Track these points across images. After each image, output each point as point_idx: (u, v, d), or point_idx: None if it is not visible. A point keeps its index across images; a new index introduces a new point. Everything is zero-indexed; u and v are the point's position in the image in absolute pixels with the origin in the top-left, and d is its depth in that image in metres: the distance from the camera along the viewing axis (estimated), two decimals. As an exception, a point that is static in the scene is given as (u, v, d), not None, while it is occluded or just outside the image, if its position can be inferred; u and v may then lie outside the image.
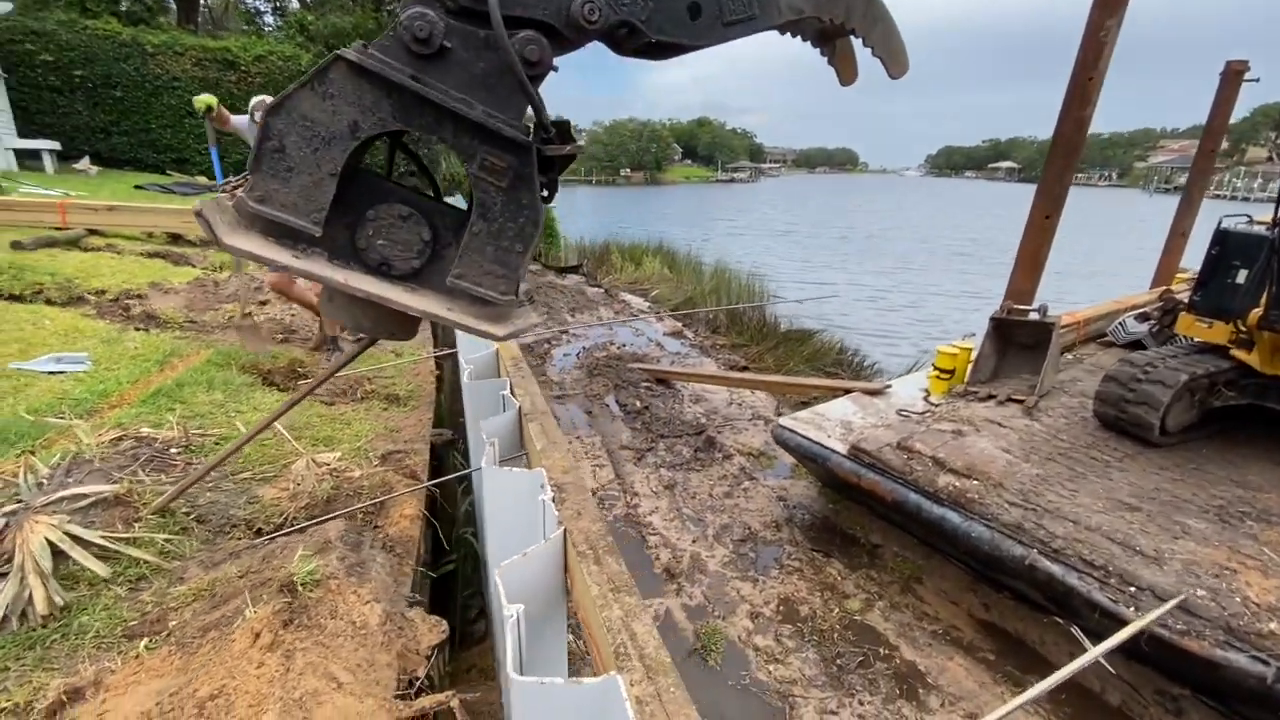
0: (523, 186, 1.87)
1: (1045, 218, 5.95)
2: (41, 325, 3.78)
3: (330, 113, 1.70)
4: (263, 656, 1.51)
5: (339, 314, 2.03)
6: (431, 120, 1.76)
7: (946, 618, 4.19)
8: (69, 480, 2.25)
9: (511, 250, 1.92)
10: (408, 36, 1.65)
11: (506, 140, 1.80)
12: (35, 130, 12.12)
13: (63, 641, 1.67)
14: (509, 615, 1.45)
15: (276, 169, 1.72)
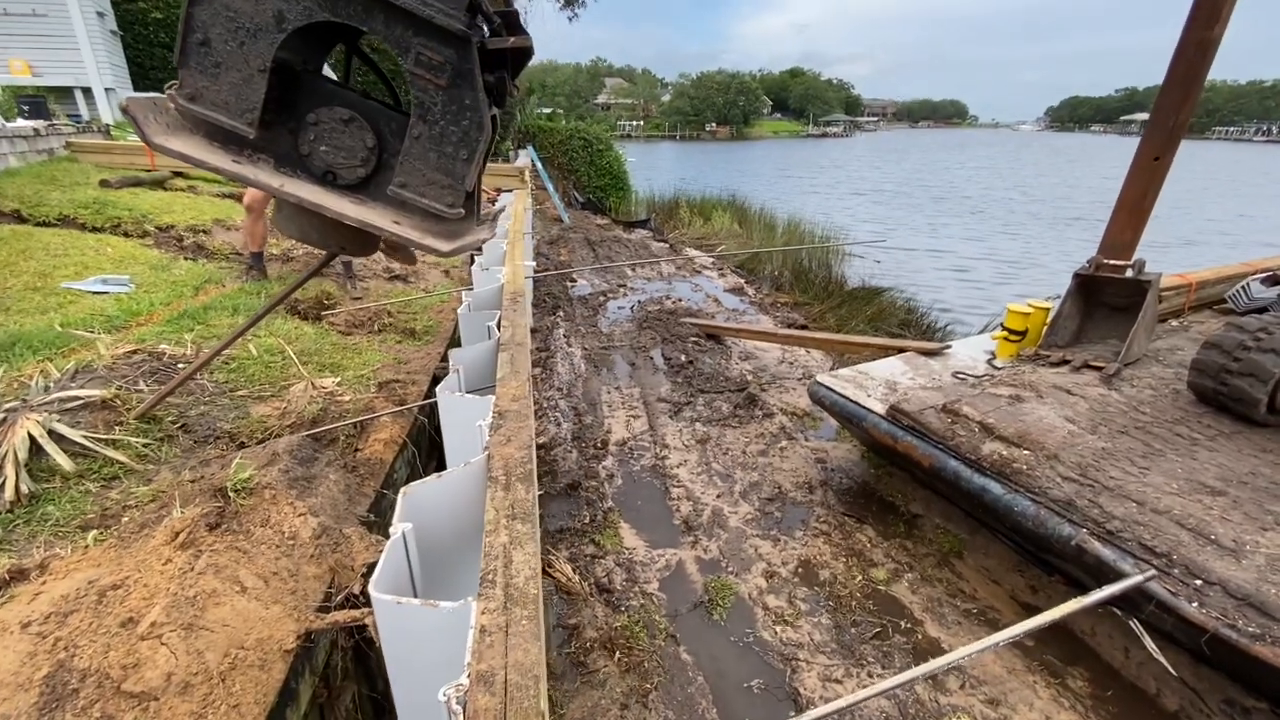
0: (464, 85, 1.70)
1: (1154, 159, 5.12)
2: (103, 252, 4.08)
3: (254, 3, 1.60)
4: (172, 554, 1.52)
5: (287, 225, 1.98)
6: (360, 9, 1.61)
7: (984, 597, 3.84)
8: (72, 385, 2.39)
9: (455, 157, 1.78)
10: None
11: (441, 30, 1.63)
12: (147, 84, 13.10)
13: (24, 527, 1.77)
14: (395, 532, 1.37)
15: (204, 64, 1.64)
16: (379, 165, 1.88)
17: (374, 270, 4.81)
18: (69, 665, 1.26)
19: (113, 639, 1.30)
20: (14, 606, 1.53)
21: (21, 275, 3.46)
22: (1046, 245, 17.72)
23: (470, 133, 1.76)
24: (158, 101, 1.77)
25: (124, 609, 1.37)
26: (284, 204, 1.91)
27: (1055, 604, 3.94)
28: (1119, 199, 5.44)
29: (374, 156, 1.85)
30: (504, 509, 1.43)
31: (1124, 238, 5.38)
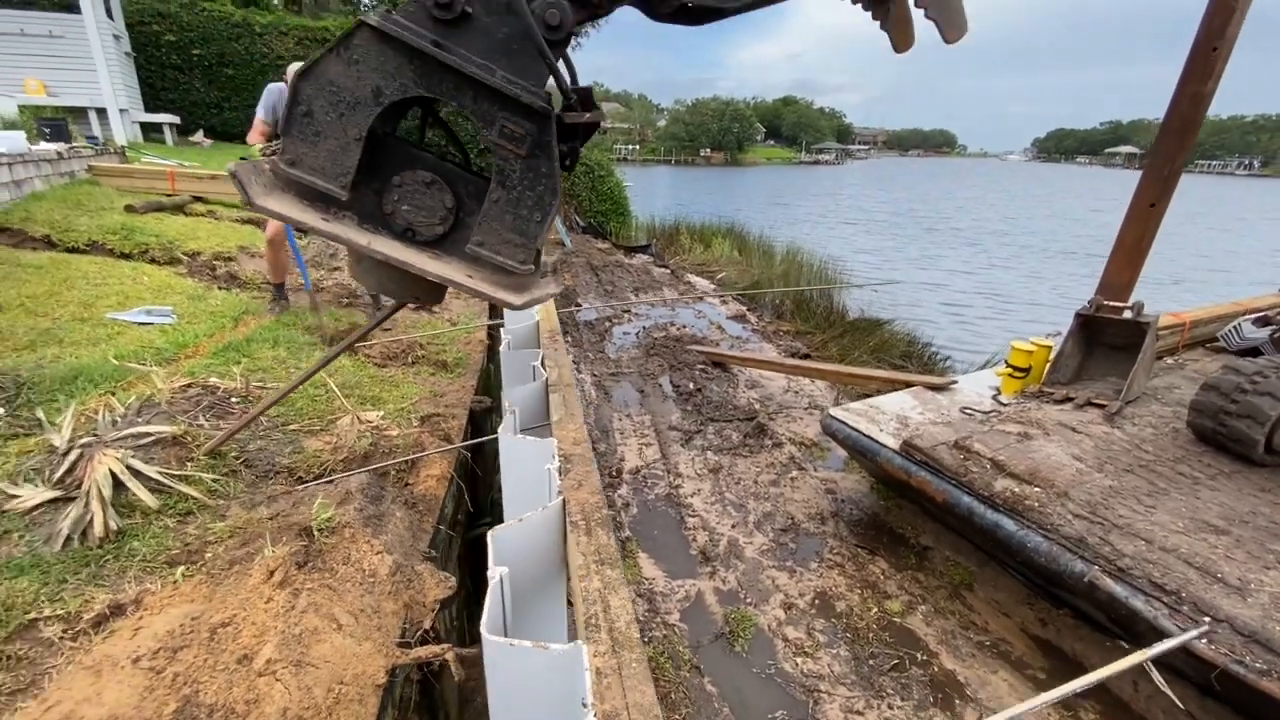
0: (542, 155, 1.85)
1: (1150, 205, 5.37)
2: (140, 281, 4.17)
3: (355, 78, 1.74)
4: (272, 592, 1.61)
5: (367, 277, 2.10)
6: (451, 86, 1.76)
7: (996, 630, 3.95)
8: (139, 420, 2.48)
9: (530, 219, 1.92)
10: (430, 2, 1.66)
11: (525, 107, 1.78)
12: (158, 105, 13.27)
13: (114, 562, 1.85)
14: (493, 577, 1.47)
15: (305, 133, 1.78)
16: (455, 224, 2.02)
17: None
18: (195, 700, 1.35)
19: (232, 675, 1.39)
20: (118, 641, 1.62)
21: (67, 305, 3.55)
22: (1041, 279, 18.07)
23: (544, 197, 1.90)
24: (256, 165, 1.91)
25: (237, 646, 1.46)
26: (365, 258, 2.04)
27: (1064, 637, 4.09)
28: (1117, 241, 5.68)
29: (451, 216, 1.99)
30: (591, 554, 1.54)
31: (1121, 279, 5.61)
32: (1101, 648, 3.68)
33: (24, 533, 1.89)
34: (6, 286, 3.62)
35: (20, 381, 2.61)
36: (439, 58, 1.69)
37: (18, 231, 4.89)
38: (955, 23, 2.00)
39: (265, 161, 1.95)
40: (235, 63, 14.01)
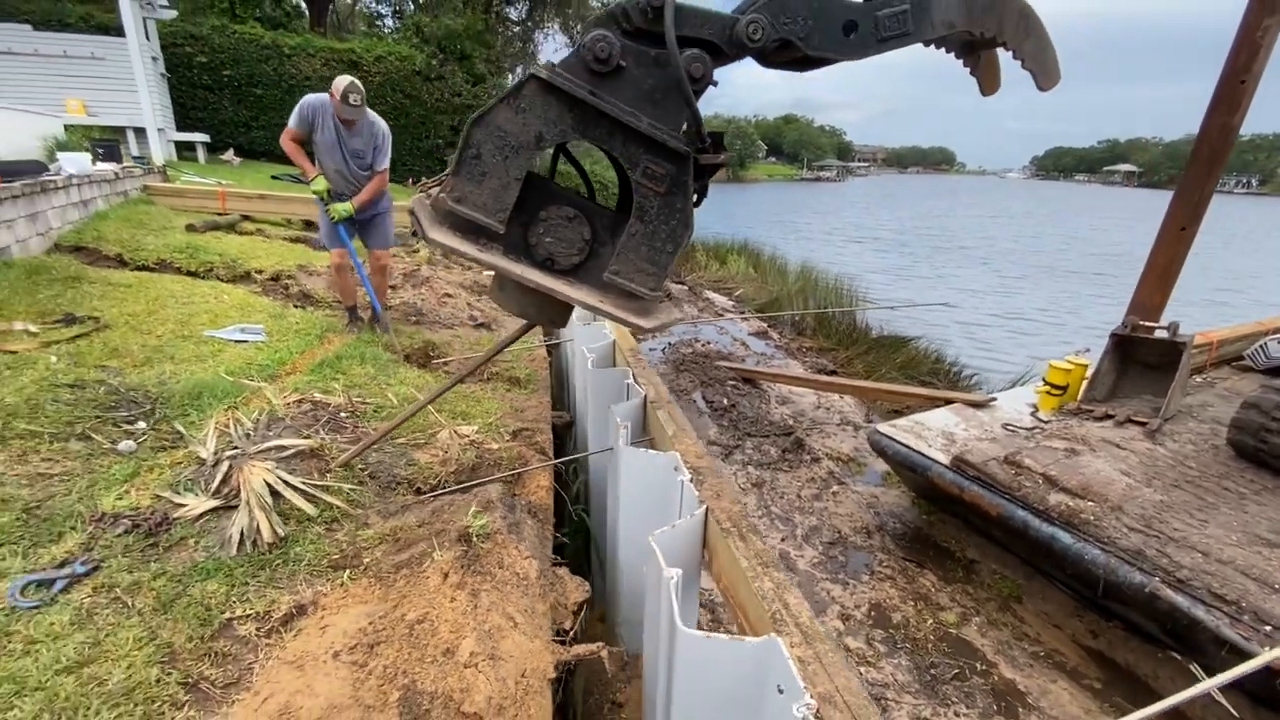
0: (679, 192, 2.02)
1: (1181, 229, 5.56)
2: (221, 299, 4.35)
3: (521, 125, 1.90)
4: (454, 593, 1.76)
5: (508, 302, 2.27)
6: (604, 132, 1.93)
7: (1048, 641, 4.07)
8: (269, 433, 2.64)
9: (663, 250, 2.09)
10: (590, 56, 1.81)
11: (668, 150, 1.95)
12: (188, 124, 13.56)
13: (283, 566, 2.00)
14: (669, 577, 1.62)
15: (473, 173, 1.94)
16: (589, 254, 2.20)
17: (460, 319, 5.10)
18: (415, 689, 1.49)
19: (443, 667, 1.53)
20: (308, 638, 1.76)
21: (166, 323, 3.71)
22: (1054, 299, 18.18)
23: (677, 231, 2.07)
24: (422, 202, 2.10)
25: (438, 641, 1.60)
26: (508, 284, 2.21)
27: (1116, 648, 4.22)
28: (1148, 264, 5.88)
29: (588, 247, 2.17)
30: (753, 557, 1.69)
31: (1153, 300, 5.80)
32: (1153, 658, 3.81)
33: (198, 538, 2.04)
34: (107, 305, 3.79)
35: (152, 397, 2.76)
36: (599, 107, 1.87)
37: (92, 250, 5.08)
38: (1050, 72, 2.18)
39: (425, 197, 2.13)
40: (264, 83, 14.33)
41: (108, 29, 12.45)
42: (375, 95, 15.08)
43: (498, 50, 17.35)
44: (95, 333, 3.33)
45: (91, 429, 2.45)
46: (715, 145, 2.17)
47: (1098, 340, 8.43)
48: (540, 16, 20.15)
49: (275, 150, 14.92)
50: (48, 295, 3.75)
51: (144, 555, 1.91)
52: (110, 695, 1.44)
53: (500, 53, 17.71)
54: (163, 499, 2.17)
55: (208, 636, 1.69)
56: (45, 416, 2.45)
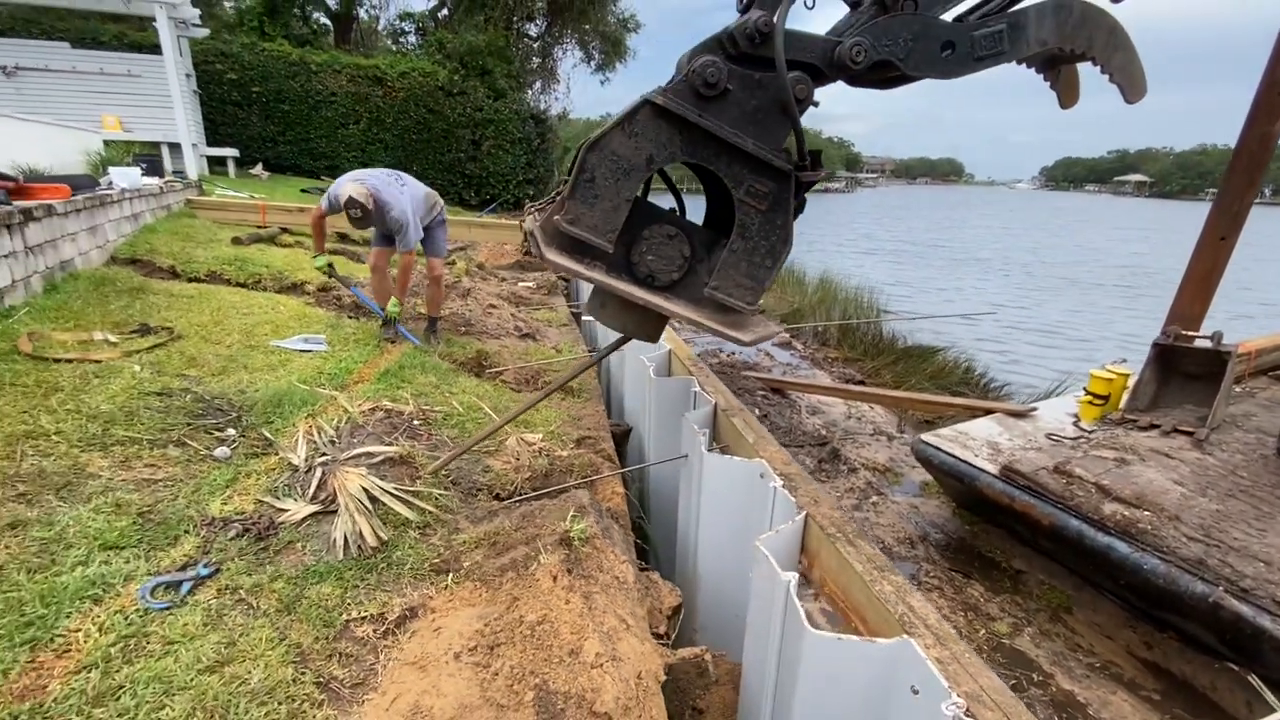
0: (780, 209, 2.08)
1: (1221, 239, 5.57)
2: (279, 310, 4.44)
3: (633, 148, 1.97)
4: (567, 595, 1.79)
5: (608, 319, 2.33)
6: (712, 153, 1.99)
7: (1103, 652, 4.04)
8: (353, 440, 2.69)
9: (762, 266, 2.14)
10: (699, 81, 1.88)
11: (772, 169, 2.02)
12: (219, 139, 13.83)
13: (388, 570, 2.04)
14: (786, 580, 1.65)
15: (586, 196, 2.00)
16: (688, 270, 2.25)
17: (506, 329, 5.17)
18: (547, 689, 1.52)
19: (572, 668, 1.57)
20: (424, 639, 1.80)
21: (231, 333, 3.80)
22: (1079, 312, 17.94)
23: (776, 247, 2.12)
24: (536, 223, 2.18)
25: (561, 642, 1.64)
26: (609, 300, 2.27)
27: (1171, 659, 4.19)
28: (1187, 274, 5.88)
29: (687, 264, 2.22)
30: (866, 561, 1.71)
31: (1193, 310, 5.79)
32: (1210, 669, 3.77)
33: (304, 542, 2.09)
34: (175, 315, 3.88)
35: (236, 405, 2.83)
36: (710, 129, 1.93)
37: (146, 262, 5.19)
38: (1137, 85, 2.23)
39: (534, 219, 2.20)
40: (291, 99, 14.61)
41: (140, 47, 12.76)
42: (399, 110, 15.33)
43: (518, 65, 17.59)
44: (170, 342, 3.42)
45: (186, 436, 2.51)
46: (813, 162, 2.23)
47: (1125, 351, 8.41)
48: (558, 32, 20.41)
49: (300, 163, 15.18)
50: (118, 306, 3.84)
51: (258, 558, 1.96)
52: (255, 694, 1.48)
53: (520, 68, 17.95)
54: (264, 504, 2.23)
55: (331, 638, 1.73)
56: (141, 423, 2.52)
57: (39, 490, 2.01)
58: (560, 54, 21.15)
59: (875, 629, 1.60)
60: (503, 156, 16.49)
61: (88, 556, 1.78)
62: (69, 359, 2.94)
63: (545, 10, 19.38)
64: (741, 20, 1.83)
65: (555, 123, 18.80)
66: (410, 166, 15.14)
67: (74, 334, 3.23)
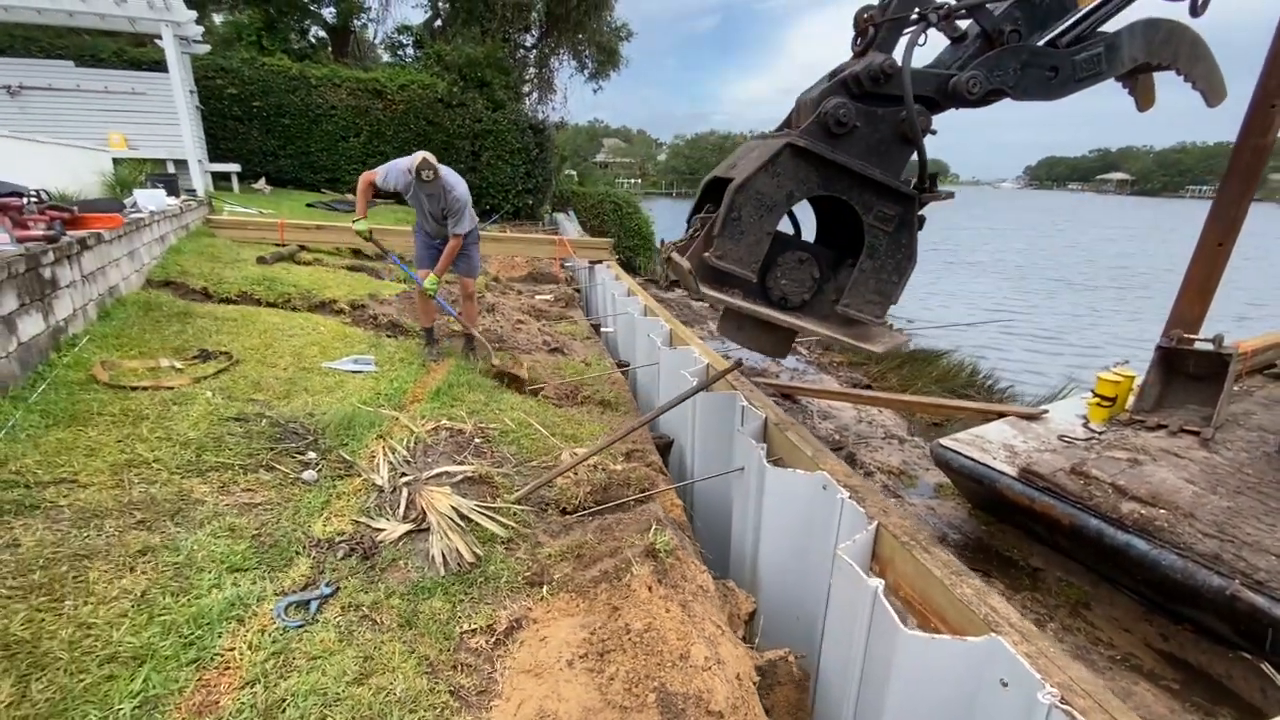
0: (905, 230, 2.27)
1: (1218, 244, 5.80)
2: (319, 331, 4.55)
3: (775, 186, 2.16)
4: (666, 604, 1.94)
5: (744, 339, 2.52)
6: (845, 185, 2.19)
7: (1122, 645, 4.22)
8: (427, 460, 2.82)
9: (889, 281, 2.32)
10: (831, 121, 2.09)
11: (898, 194, 2.21)
12: (220, 155, 13.85)
13: (485, 584, 2.18)
14: (874, 587, 1.81)
15: (734, 233, 2.19)
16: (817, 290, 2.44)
17: (536, 344, 5.30)
18: (666, 691, 1.67)
19: (684, 672, 1.71)
20: (534, 649, 1.94)
21: (284, 356, 3.91)
22: (1078, 314, 18.12)
23: (902, 264, 2.31)
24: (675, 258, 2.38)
25: (669, 648, 1.78)
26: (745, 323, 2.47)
27: (1187, 650, 4.39)
28: (1186, 279, 6.12)
29: (815, 285, 2.39)
30: (941, 566, 1.87)
31: (1192, 313, 6.02)
32: (1225, 659, 3.98)
33: (405, 559, 2.22)
34: (225, 339, 3.98)
35: (309, 428, 2.95)
36: (847, 165, 2.11)
37: (180, 284, 5.28)
38: (1218, 90, 2.43)
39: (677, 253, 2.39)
40: (291, 113, 14.67)
41: (140, 63, 12.79)
42: (399, 123, 15.44)
43: (515, 76, 17.74)
44: (231, 367, 3.52)
45: (272, 460, 2.63)
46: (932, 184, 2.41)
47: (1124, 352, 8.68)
48: (554, 42, 20.59)
49: (301, 177, 15.23)
50: (172, 331, 3.94)
51: (369, 577, 2.09)
52: (402, 703, 1.62)
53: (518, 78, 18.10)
54: (361, 524, 2.36)
55: (451, 649, 1.87)
56: (229, 449, 2.64)
57: (155, 517, 2.13)
58: (556, 64, 21.33)
59: (958, 628, 1.76)
60: (502, 167, 16.62)
61: (219, 579, 1.90)
62: (144, 386, 3.05)
63: (541, 21, 19.57)
64: (866, 64, 2.03)
65: (553, 132, 18.96)
66: (410, 178, 15.20)
67: (142, 361, 3.34)
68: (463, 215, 4.42)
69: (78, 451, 2.42)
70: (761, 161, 2.11)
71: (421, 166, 4.13)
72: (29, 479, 2.19)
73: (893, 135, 2.13)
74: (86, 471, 2.30)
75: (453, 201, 4.31)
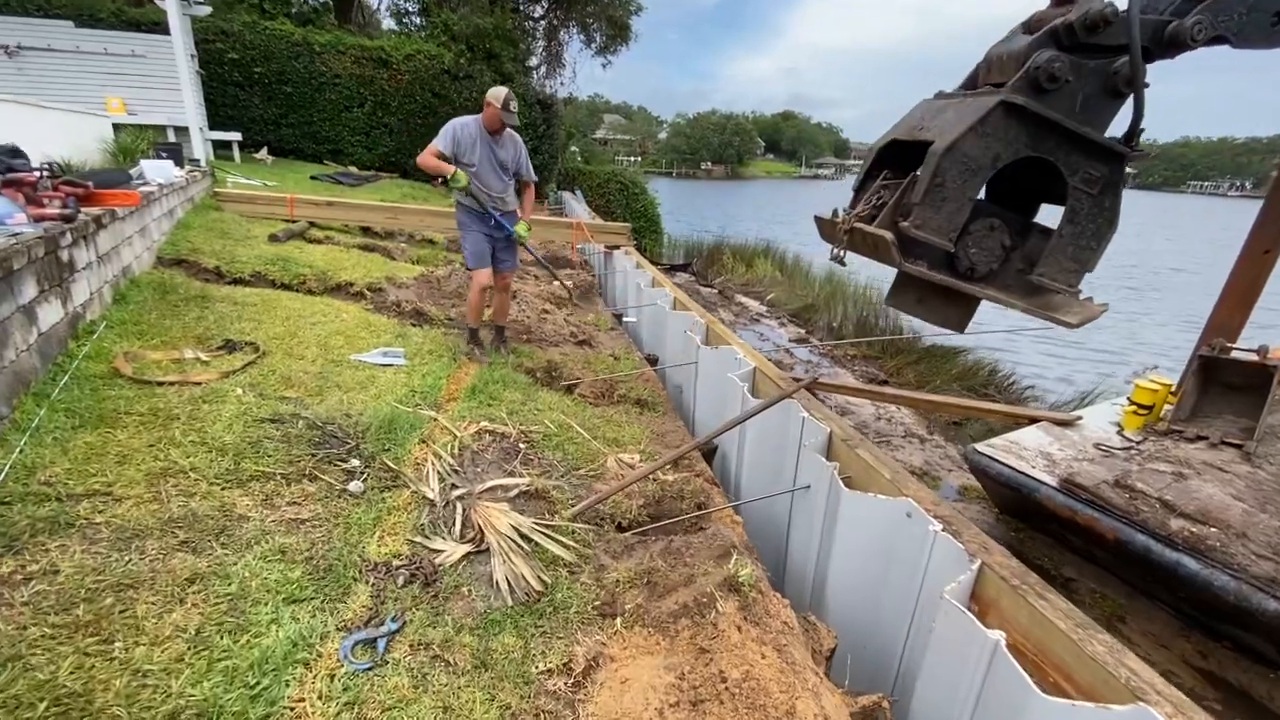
0: (1110, 192, 2.08)
1: (1265, 252, 5.65)
2: (342, 318, 4.34)
3: (983, 148, 1.96)
4: (761, 649, 1.79)
5: (924, 312, 2.35)
6: (1053, 144, 1.99)
7: (1160, 661, 4.14)
8: (476, 469, 2.66)
9: (1087, 248, 2.14)
10: (1044, 77, 1.88)
11: (1107, 152, 2.01)
12: (220, 122, 13.41)
13: (554, 615, 2.03)
14: (994, 639, 1.66)
15: (934, 200, 2.00)
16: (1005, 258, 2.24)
17: (563, 336, 5.12)
18: (776, 752, 1.53)
19: (792, 729, 1.57)
20: (614, 694, 1.79)
21: (310, 347, 3.70)
22: None
23: (1102, 228, 2.13)
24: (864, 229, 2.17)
25: (773, 702, 1.64)
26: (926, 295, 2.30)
27: (1227, 668, 4.31)
28: (1228, 286, 5.96)
29: (1004, 253, 2.21)
30: (1063, 618, 1.73)
31: (1233, 321, 5.88)
32: (1266, 679, 3.91)
33: (469, 586, 2.06)
34: (248, 326, 3.78)
35: (348, 431, 2.77)
36: (1060, 122, 1.92)
37: (192, 263, 5.04)
38: None
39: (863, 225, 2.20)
40: (294, 80, 14.19)
41: (139, 24, 12.30)
42: (404, 94, 14.98)
43: (523, 49, 17.25)
44: (259, 360, 3.32)
45: (315, 469, 2.45)
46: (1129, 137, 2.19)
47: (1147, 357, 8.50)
48: (562, 15, 20.02)
49: (305, 149, 14.79)
50: (192, 318, 3.72)
51: (433, 607, 1.93)
52: (489, 760, 1.47)
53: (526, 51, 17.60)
54: (416, 544, 2.19)
55: (532, 695, 1.72)
56: (268, 456, 2.45)
57: (199, 537, 1.96)
58: (565, 38, 20.76)
59: (1089, 691, 1.62)
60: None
61: (277, 613, 1.74)
62: (171, 381, 2.86)
63: (551, -9, 19.01)
64: (1081, 11, 1.85)
65: (561, 108, 18.52)
66: (415, 152, 14.75)
67: (165, 352, 3.13)
68: (528, 163, 4.31)
69: (109, 458, 2.23)
70: (971, 121, 1.92)
71: (509, 99, 3.90)
72: (60, 491, 2.00)
73: (1100, 89, 1.96)
74: (121, 482, 2.11)
75: (520, 142, 4.17)
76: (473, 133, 4.00)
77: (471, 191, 4.02)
